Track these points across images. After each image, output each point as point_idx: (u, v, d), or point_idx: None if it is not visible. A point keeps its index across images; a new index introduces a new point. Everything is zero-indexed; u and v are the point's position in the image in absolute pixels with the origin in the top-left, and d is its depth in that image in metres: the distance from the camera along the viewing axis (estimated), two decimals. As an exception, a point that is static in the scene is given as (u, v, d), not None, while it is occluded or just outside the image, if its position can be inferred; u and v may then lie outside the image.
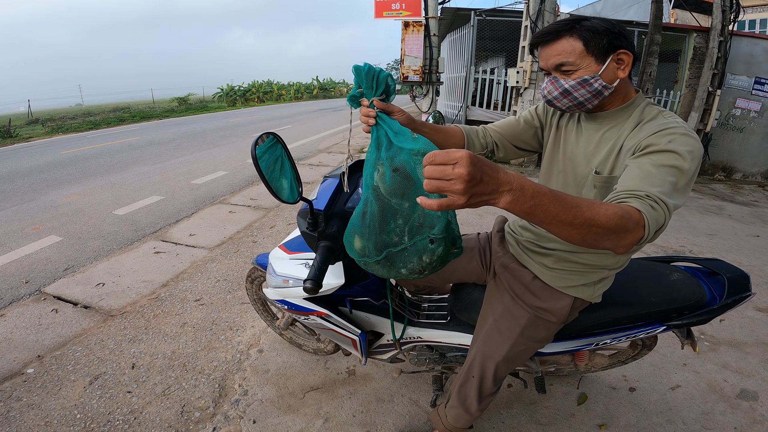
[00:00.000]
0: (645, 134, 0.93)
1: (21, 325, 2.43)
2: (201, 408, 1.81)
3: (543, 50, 1.02)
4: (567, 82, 0.99)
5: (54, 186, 5.68)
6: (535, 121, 1.26)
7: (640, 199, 0.78)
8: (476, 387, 1.31)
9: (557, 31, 0.98)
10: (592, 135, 1.09)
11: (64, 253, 3.42)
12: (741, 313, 2.57)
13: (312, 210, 1.19)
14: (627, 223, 0.71)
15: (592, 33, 0.95)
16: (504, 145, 1.29)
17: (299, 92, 36.09)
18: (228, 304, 2.61)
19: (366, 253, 0.99)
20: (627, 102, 1.04)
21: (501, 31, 7.75)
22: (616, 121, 1.05)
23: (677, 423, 1.75)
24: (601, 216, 0.69)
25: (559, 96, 1.02)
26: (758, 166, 7.52)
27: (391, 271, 1.00)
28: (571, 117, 1.18)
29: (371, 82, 1.01)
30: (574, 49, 0.96)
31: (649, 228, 0.74)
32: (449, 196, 0.59)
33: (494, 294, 1.32)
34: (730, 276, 1.34)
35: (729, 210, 5.13)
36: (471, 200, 0.60)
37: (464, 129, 1.25)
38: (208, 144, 9.04)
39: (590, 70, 0.97)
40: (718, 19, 6.73)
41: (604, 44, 0.95)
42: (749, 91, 7.15)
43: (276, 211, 4.36)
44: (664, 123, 0.93)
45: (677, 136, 0.88)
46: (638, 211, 0.74)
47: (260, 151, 1.08)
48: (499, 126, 1.30)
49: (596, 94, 0.99)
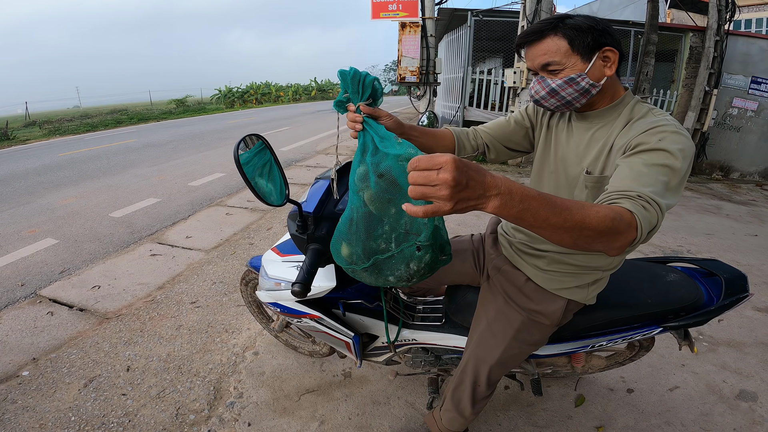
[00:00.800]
0: (635, 133, 0.92)
1: (16, 328, 2.41)
2: (196, 410, 1.79)
3: (529, 50, 1.02)
4: (554, 82, 0.98)
5: (51, 188, 5.66)
6: (525, 121, 1.24)
7: (631, 199, 0.76)
8: (470, 391, 1.30)
9: (541, 31, 0.97)
10: (582, 135, 1.08)
11: (60, 256, 3.40)
12: (740, 313, 2.56)
13: (301, 212, 1.18)
14: (619, 224, 0.70)
15: (576, 31, 0.94)
16: (495, 147, 1.27)
17: (297, 93, 36.08)
18: (224, 307, 2.59)
19: (353, 260, 0.99)
20: (616, 100, 1.03)
21: (498, 32, 7.75)
22: (605, 120, 1.04)
23: (676, 424, 1.74)
24: (592, 218, 0.67)
25: (547, 96, 1.01)
26: (756, 166, 7.52)
27: (378, 279, 0.99)
28: (561, 117, 1.17)
29: (357, 87, 0.99)
30: (559, 48, 0.96)
31: (641, 229, 0.73)
32: (435, 203, 0.57)
33: (487, 296, 1.31)
34: (728, 276, 1.33)
35: (727, 209, 5.13)
36: (457, 206, 0.58)
37: (454, 131, 1.24)
38: (206, 146, 9.03)
39: (576, 68, 0.96)
40: (714, 18, 6.74)
41: (588, 42, 0.95)
42: (746, 91, 7.15)
43: (273, 214, 4.35)
44: (654, 121, 0.92)
45: (668, 134, 0.87)
46: (630, 212, 0.73)
47: (244, 154, 1.07)
48: (490, 127, 1.28)
49: (584, 92, 0.98)
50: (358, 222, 0.95)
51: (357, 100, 1.00)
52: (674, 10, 11.02)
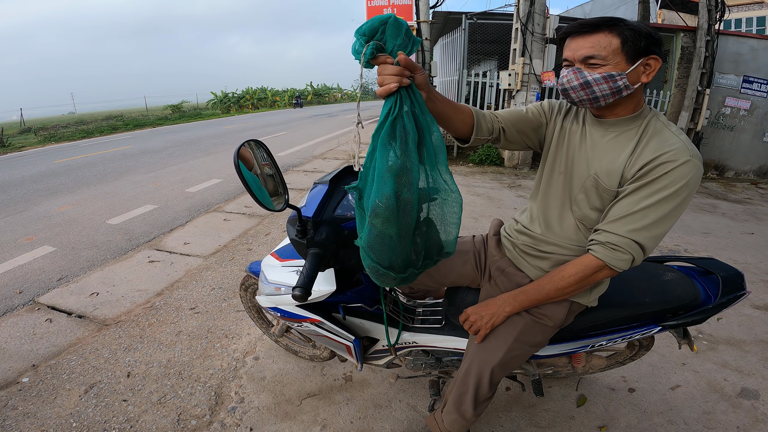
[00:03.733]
0: (646, 157, 0.97)
1: (15, 335, 2.40)
2: (197, 416, 1.78)
3: (575, 40, 1.01)
4: (591, 75, 0.98)
5: (47, 196, 5.63)
6: (541, 116, 1.22)
7: (602, 245, 0.98)
8: (472, 392, 1.30)
9: (597, 24, 0.97)
10: (597, 140, 1.09)
11: (57, 263, 3.38)
12: (739, 312, 2.58)
13: (300, 217, 1.18)
14: (586, 272, 0.98)
15: (634, 32, 0.95)
16: (510, 132, 1.21)
17: (293, 98, 36.09)
18: (223, 312, 2.59)
19: (392, 265, 0.96)
20: (636, 112, 1.05)
21: (492, 34, 7.79)
22: (621, 129, 1.05)
23: (679, 423, 1.74)
24: (562, 283, 1.03)
25: (578, 86, 1.00)
26: (750, 164, 7.58)
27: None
28: (575, 120, 1.17)
29: (396, 31, 0.83)
30: (609, 44, 0.96)
31: (614, 267, 0.96)
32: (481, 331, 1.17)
33: (489, 297, 1.31)
34: (725, 275, 1.34)
35: (723, 208, 5.17)
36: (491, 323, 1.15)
37: (474, 110, 1.16)
38: (202, 152, 9.01)
39: (618, 67, 0.97)
40: (704, 18, 6.80)
41: (641, 46, 0.96)
42: (738, 90, 7.22)
43: (271, 219, 4.35)
44: (666, 145, 0.96)
45: (675, 169, 0.93)
46: (597, 258, 0.97)
47: (243, 159, 1.07)
48: (507, 112, 1.24)
49: (616, 91, 0.99)
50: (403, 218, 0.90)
51: (394, 49, 0.84)
52: (665, 11, 11.10)
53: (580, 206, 1.11)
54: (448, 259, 1.35)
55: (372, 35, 0.83)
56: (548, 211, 1.20)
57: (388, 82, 0.82)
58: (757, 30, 11.97)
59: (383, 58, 0.82)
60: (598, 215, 1.09)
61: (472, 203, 4.85)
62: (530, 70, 6.25)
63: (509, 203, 4.91)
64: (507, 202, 4.97)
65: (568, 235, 1.15)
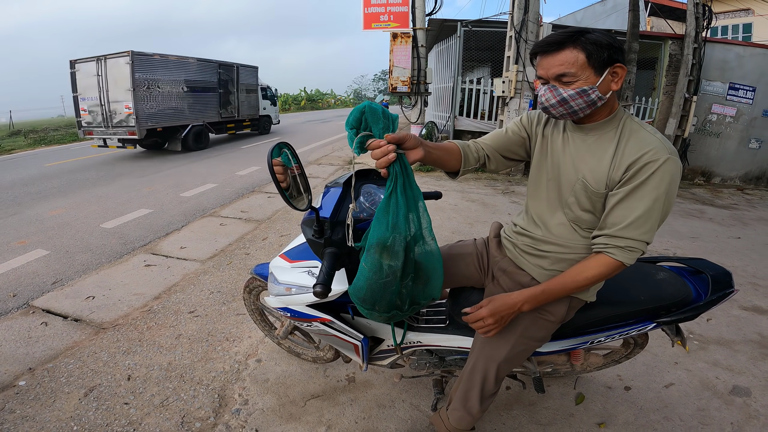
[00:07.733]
0: (629, 158, 1.03)
1: (10, 338, 2.38)
2: (201, 418, 1.79)
3: (545, 59, 1.06)
4: (566, 92, 1.03)
5: (39, 199, 5.57)
6: (521, 132, 1.29)
7: (621, 249, 1.05)
8: (478, 388, 1.33)
9: (561, 42, 1.02)
10: (579, 145, 1.14)
11: (51, 267, 3.35)
12: (727, 312, 2.65)
13: (318, 218, 1.22)
14: (608, 271, 1.08)
15: (596, 46, 1.00)
16: (495, 157, 1.31)
17: (287, 104, 36.09)
18: (223, 316, 2.59)
19: (375, 307, 1.16)
20: (612, 114, 1.10)
21: (486, 42, 7.91)
22: (600, 132, 1.11)
23: (674, 420, 1.79)
24: (585, 283, 1.10)
25: (557, 104, 1.06)
26: (736, 170, 7.76)
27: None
28: (555, 126, 1.22)
29: (376, 118, 0.96)
30: (576, 60, 1.00)
31: (627, 263, 1.06)
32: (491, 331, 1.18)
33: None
34: (714, 274, 1.41)
35: (710, 213, 5.29)
36: (502, 322, 1.19)
37: (459, 144, 1.26)
38: (197, 156, 8.99)
39: (589, 81, 1.01)
40: (691, 26, 6.97)
41: (604, 57, 1.00)
42: (724, 97, 7.40)
43: (267, 224, 4.36)
44: (645, 144, 1.03)
45: (659, 168, 1.00)
46: (617, 260, 1.06)
47: (275, 160, 1.12)
48: (489, 138, 1.32)
49: (591, 104, 1.04)
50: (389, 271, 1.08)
51: (379, 132, 0.96)
52: (654, 18, 11.37)
53: (572, 209, 1.16)
54: (451, 263, 1.42)
55: (358, 125, 0.97)
56: (543, 214, 1.25)
57: (384, 161, 0.94)
58: (743, 37, 12.28)
59: (375, 144, 0.94)
60: (590, 216, 1.14)
61: (467, 209, 4.91)
62: (523, 77, 6.36)
63: (503, 209, 4.98)
64: (501, 207, 5.04)
65: (565, 235, 1.20)
